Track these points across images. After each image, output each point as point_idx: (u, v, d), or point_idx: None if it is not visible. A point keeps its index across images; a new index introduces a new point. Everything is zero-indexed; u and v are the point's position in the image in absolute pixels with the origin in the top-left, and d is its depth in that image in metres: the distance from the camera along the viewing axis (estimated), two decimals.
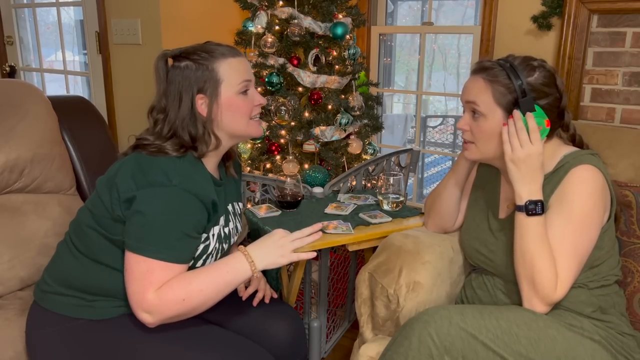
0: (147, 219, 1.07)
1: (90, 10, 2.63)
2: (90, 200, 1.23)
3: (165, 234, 1.08)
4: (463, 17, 5.73)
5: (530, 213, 1.13)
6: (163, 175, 1.10)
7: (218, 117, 1.19)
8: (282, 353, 1.30)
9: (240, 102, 1.20)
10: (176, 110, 1.17)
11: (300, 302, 2.00)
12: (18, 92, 1.61)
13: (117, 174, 1.14)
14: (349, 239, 1.56)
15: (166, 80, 1.18)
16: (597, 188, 1.16)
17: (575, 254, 1.13)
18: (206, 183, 1.18)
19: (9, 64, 3.12)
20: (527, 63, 1.19)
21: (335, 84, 2.17)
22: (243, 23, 2.24)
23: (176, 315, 1.08)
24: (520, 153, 1.13)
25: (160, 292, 1.05)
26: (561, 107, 1.22)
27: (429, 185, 4.95)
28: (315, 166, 2.15)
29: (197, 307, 1.10)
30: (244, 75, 1.21)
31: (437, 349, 1.06)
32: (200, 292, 1.09)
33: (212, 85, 1.17)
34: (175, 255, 1.09)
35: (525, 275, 1.13)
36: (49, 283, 1.24)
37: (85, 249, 1.21)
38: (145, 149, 1.16)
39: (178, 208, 1.09)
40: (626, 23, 1.89)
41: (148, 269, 1.06)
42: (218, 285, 1.11)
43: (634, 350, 1.19)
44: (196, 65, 1.16)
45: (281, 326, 1.33)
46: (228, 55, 1.20)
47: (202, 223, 1.16)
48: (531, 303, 1.13)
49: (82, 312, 1.19)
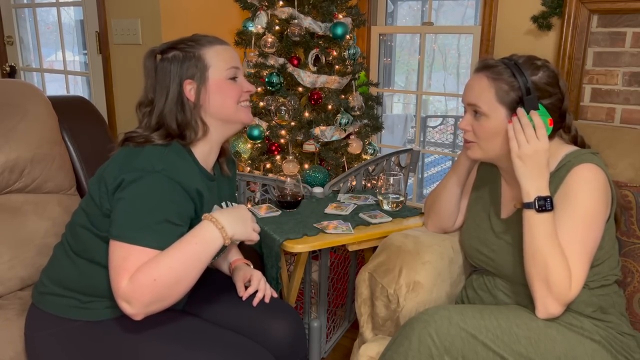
0: (127, 205, 1.07)
1: (90, 10, 2.63)
2: (84, 200, 1.23)
3: (145, 219, 1.05)
4: (463, 17, 5.73)
5: (540, 209, 1.11)
6: (147, 162, 1.10)
7: (206, 103, 1.19)
8: (282, 353, 1.30)
9: (228, 86, 1.21)
10: (163, 100, 1.17)
11: (300, 302, 2.00)
12: (18, 92, 1.61)
13: (105, 169, 1.15)
14: (349, 239, 1.56)
15: (155, 76, 1.19)
16: (600, 186, 1.16)
17: (585, 252, 1.12)
18: (191, 172, 1.17)
19: (9, 64, 3.12)
20: (531, 62, 1.19)
21: (335, 84, 2.17)
22: (243, 23, 2.24)
23: (154, 300, 1.02)
24: (527, 149, 1.12)
25: (133, 277, 1.01)
26: (563, 108, 1.22)
27: (429, 185, 4.95)
28: (315, 166, 2.15)
29: (171, 286, 1.03)
30: (231, 62, 1.21)
31: (437, 349, 1.06)
32: (170, 268, 1.02)
33: (200, 71, 1.17)
34: (153, 240, 1.04)
35: (538, 275, 1.10)
36: (46, 284, 1.24)
37: (78, 248, 1.21)
38: (132, 141, 1.17)
39: (159, 193, 1.08)
40: (626, 23, 1.89)
41: (125, 255, 1.03)
42: (188, 258, 1.06)
43: (634, 350, 1.19)
44: (183, 54, 1.17)
45: (281, 326, 1.33)
46: (215, 42, 1.21)
47: (187, 211, 1.13)
48: (545, 304, 1.10)
49: (79, 313, 1.18)
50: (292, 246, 1.50)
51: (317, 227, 1.58)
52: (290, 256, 1.95)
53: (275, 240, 1.52)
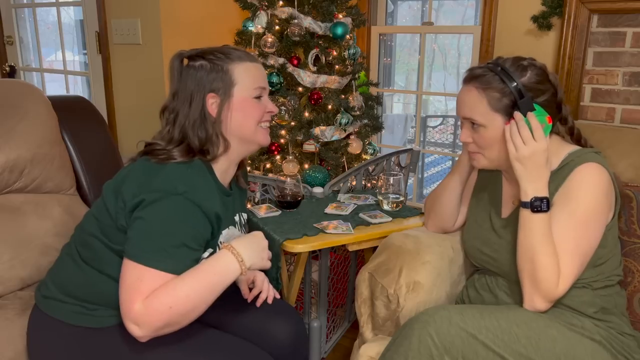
0: (146, 225, 1.05)
1: (90, 10, 2.63)
2: (96, 205, 1.21)
3: (162, 241, 1.04)
4: (463, 17, 5.73)
5: (535, 210, 1.12)
6: (168, 183, 1.07)
7: (227, 119, 1.16)
8: (283, 353, 1.30)
9: (251, 105, 1.18)
10: (187, 110, 1.15)
11: (300, 302, 2.00)
12: (18, 92, 1.61)
13: (124, 182, 1.12)
14: (349, 239, 1.56)
15: (179, 80, 1.17)
16: (602, 186, 1.16)
17: (578, 252, 1.13)
18: (212, 194, 1.14)
19: (9, 64, 3.11)
20: (517, 64, 1.19)
21: (335, 84, 2.17)
22: (243, 23, 2.24)
23: (166, 325, 1.02)
24: (524, 151, 1.13)
25: (147, 301, 1.00)
26: (558, 101, 1.22)
27: (429, 185, 4.95)
28: (315, 166, 2.15)
29: (186, 313, 1.03)
30: (259, 82, 1.19)
31: (437, 349, 1.06)
32: (187, 297, 1.02)
33: (224, 86, 1.15)
34: (170, 264, 1.03)
35: (527, 271, 1.13)
36: (50, 288, 1.22)
37: (88, 257, 1.19)
38: (154, 155, 1.14)
39: (179, 216, 1.06)
40: (626, 23, 1.89)
41: (139, 276, 1.02)
42: (206, 289, 1.05)
43: (635, 350, 1.19)
44: (211, 65, 1.15)
45: (283, 327, 1.33)
46: (245, 59, 1.18)
47: (204, 236, 1.12)
48: (532, 299, 1.13)
49: (82, 319, 1.17)
50: (292, 246, 1.50)
51: (317, 227, 1.58)
52: (290, 256, 1.95)
53: (275, 240, 1.52)
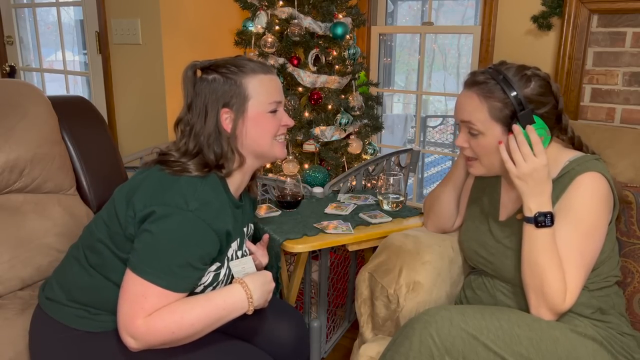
0: (154, 240, 1.04)
1: (90, 10, 2.63)
2: (107, 209, 1.19)
3: (168, 260, 1.03)
4: (463, 17, 5.73)
5: (539, 225, 1.12)
6: (181, 197, 1.06)
7: (242, 134, 1.15)
8: (284, 354, 1.30)
9: (267, 120, 1.16)
10: (202, 124, 1.13)
11: (300, 302, 2.00)
12: (18, 92, 1.61)
13: (137, 191, 1.10)
14: (349, 239, 1.56)
15: (193, 92, 1.15)
16: (602, 197, 1.16)
17: (583, 264, 1.13)
18: (224, 212, 1.12)
19: (9, 64, 3.11)
20: (521, 74, 1.17)
21: (335, 84, 2.16)
22: (243, 23, 2.24)
23: (161, 344, 1.04)
24: (525, 168, 1.11)
25: (150, 320, 1.01)
26: (558, 111, 1.22)
27: (429, 185, 4.95)
28: (315, 166, 2.15)
29: (185, 339, 1.06)
30: (274, 96, 1.17)
31: (437, 350, 1.05)
32: (192, 326, 1.04)
33: (238, 101, 1.13)
34: (174, 283, 1.04)
35: (534, 286, 1.12)
36: (55, 291, 1.22)
37: (95, 262, 1.18)
38: (168, 166, 1.12)
39: (188, 235, 1.05)
40: (626, 23, 1.89)
41: (143, 292, 1.02)
42: (211, 320, 1.07)
43: (634, 350, 1.19)
44: (224, 79, 1.13)
45: (285, 328, 1.33)
46: (259, 71, 1.15)
47: (210, 255, 1.11)
48: (539, 312, 1.12)
49: (84, 323, 1.17)
50: (292, 246, 1.50)
51: (317, 227, 1.58)
52: (290, 256, 1.95)
53: (275, 240, 1.52)
